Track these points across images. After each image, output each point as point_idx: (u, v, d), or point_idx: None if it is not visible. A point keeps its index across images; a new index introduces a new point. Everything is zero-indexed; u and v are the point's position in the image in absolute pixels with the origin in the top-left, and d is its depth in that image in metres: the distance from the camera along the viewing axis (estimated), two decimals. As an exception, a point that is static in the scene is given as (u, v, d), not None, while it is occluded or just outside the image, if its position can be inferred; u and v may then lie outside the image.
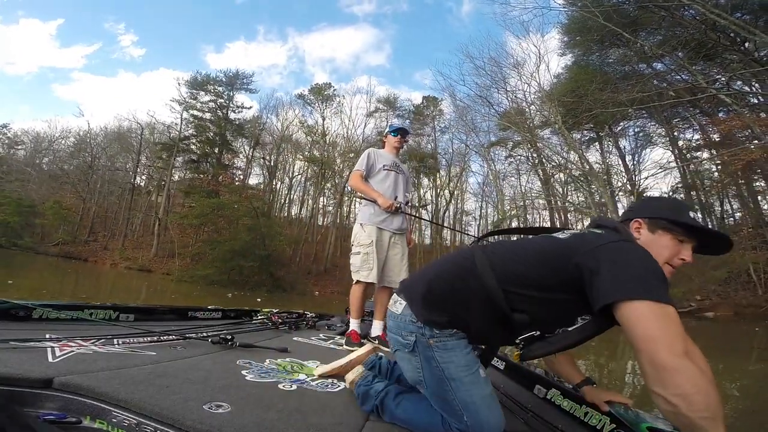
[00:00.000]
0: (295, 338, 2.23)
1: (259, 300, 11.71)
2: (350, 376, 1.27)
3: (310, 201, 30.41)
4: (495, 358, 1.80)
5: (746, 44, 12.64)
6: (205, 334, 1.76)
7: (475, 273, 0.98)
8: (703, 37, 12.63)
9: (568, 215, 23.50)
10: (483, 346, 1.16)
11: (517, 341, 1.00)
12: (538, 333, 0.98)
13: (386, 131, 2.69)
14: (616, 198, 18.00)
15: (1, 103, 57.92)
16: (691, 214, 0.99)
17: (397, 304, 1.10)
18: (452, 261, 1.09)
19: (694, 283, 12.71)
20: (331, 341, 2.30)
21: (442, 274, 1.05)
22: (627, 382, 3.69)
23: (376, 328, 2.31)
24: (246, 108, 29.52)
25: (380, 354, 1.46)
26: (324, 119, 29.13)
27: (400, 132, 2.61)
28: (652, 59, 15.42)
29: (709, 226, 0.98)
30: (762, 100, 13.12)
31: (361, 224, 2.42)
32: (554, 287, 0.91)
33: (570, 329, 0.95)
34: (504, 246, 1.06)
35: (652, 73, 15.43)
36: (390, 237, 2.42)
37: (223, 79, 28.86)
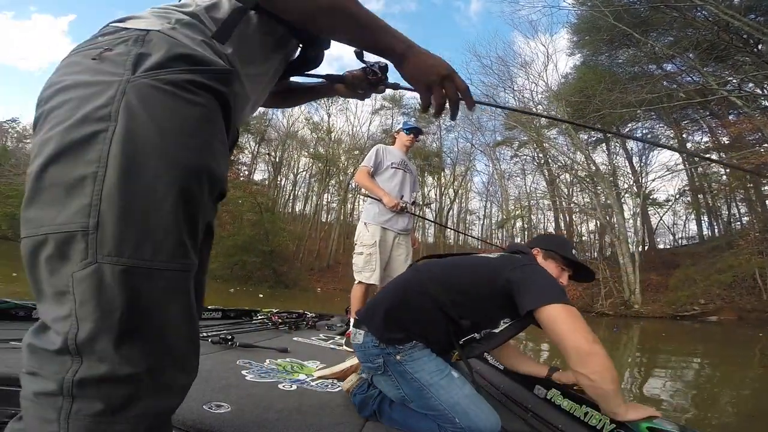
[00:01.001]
0: (295, 338, 2.25)
1: (261, 296, 11.77)
2: (346, 385, 1.28)
3: (314, 197, 30.45)
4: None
5: (759, 46, 12.41)
6: (205, 334, 1.77)
7: (426, 291, 1.15)
8: (715, 38, 12.40)
9: (573, 216, 23.35)
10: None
11: (461, 343, 1.17)
12: (476, 335, 1.18)
13: (399, 128, 2.64)
14: (622, 200, 17.84)
15: (12, 98, 58.71)
16: (574, 251, 1.31)
17: (358, 335, 1.19)
18: (403, 287, 1.24)
19: (698, 287, 12.59)
20: (331, 341, 2.31)
21: (395, 301, 1.19)
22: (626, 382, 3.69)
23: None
24: (252, 103, 29.50)
25: None
26: (329, 116, 29.09)
27: (414, 131, 2.58)
28: (663, 60, 15.20)
29: (581, 260, 1.37)
30: (774, 102, 12.91)
31: (365, 223, 2.40)
32: (489, 296, 1.14)
33: (496, 331, 1.17)
34: (444, 265, 1.27)
35: (662, 74, 15.21)
36: (394, 237, 2.40)
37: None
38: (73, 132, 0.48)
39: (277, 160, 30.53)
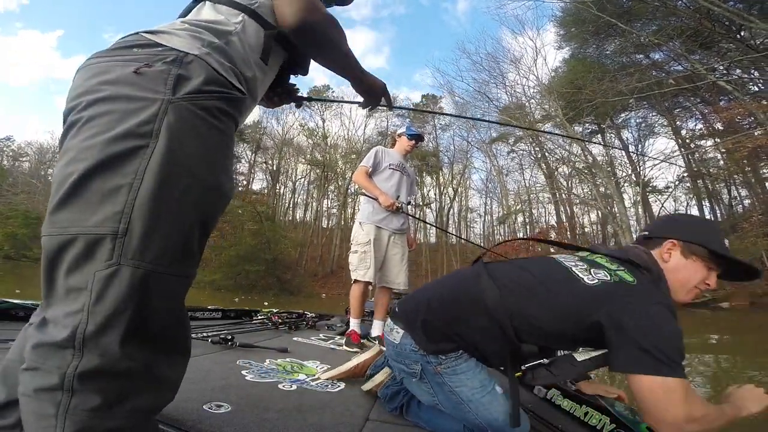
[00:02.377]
0: (295, 338, 2.25)
1: (266, 304, 11.71)
2: (379, 378, 1.24)
3: (314, 204, 30.48)
4: None
5: (742, 32, 12.45)
6: (205, 334, 1.78)
7: (484, 307, 0.92)
8: (698, 25, 12.46)
9: (574, 208, 23.33)
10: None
11: (522, 369, 0.96)
12: (545, 361, 0.96)
13: (401, 131, 2.64)
14: (622, 189, 17.83)
15: (5, 115, 58.96)
16: (726, 242, 0.95)
17: (395, 333, 1.04)
18: (457, 289, 1.01)
19: (708, 273, 12.44)
20: (331, 341, 2.31)
21: (444, 303, 0.99)
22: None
23: (376, 328, 2.32)
24: (246, 113, 29.58)
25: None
26: (324, 122, 29.18)
27: (416, 138, 2.59)
28: (649, 49, 15.27)
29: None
30: (762, 87, 12.94)
31: (360, 222, 2.42)
32: (568, 331, 0.89)
33: (574, 363, 0.94)
34: (518, 277, 0.97)
35: (650, 63, 15.30)
36: (389, 236, 2.42)
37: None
38: (117, 145, 0.52)
39: (275, 168, 30.58)
